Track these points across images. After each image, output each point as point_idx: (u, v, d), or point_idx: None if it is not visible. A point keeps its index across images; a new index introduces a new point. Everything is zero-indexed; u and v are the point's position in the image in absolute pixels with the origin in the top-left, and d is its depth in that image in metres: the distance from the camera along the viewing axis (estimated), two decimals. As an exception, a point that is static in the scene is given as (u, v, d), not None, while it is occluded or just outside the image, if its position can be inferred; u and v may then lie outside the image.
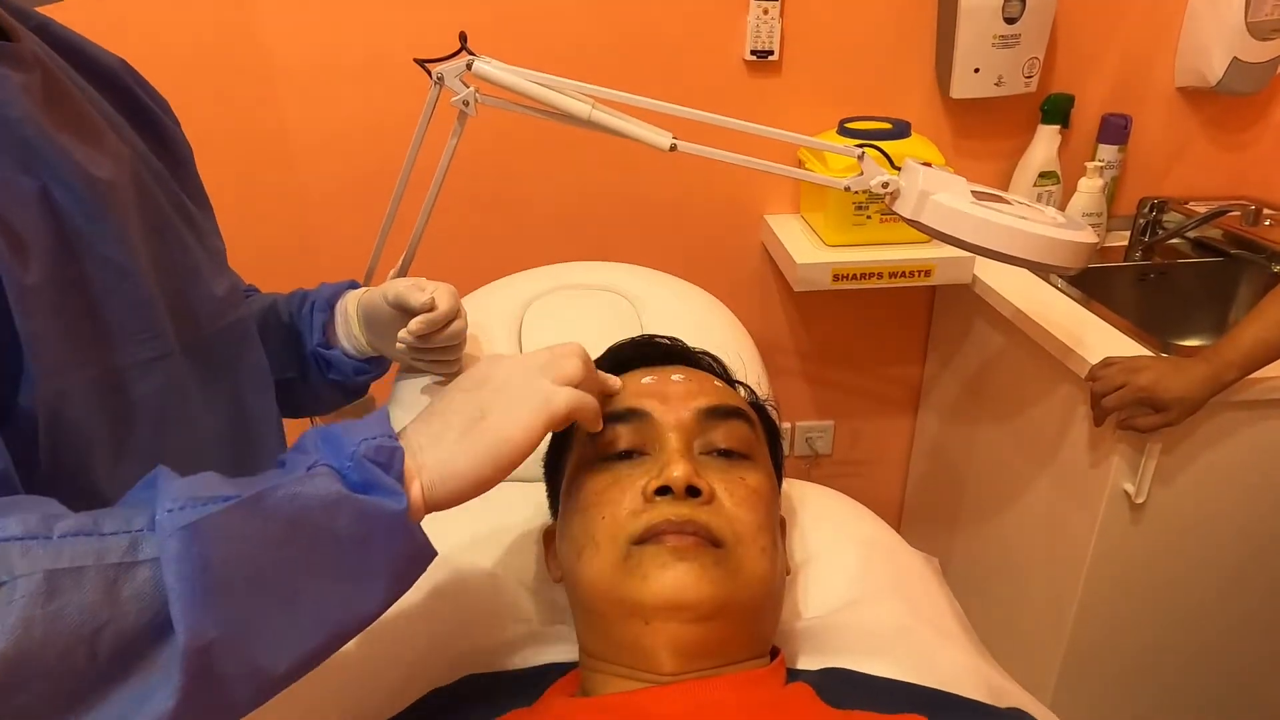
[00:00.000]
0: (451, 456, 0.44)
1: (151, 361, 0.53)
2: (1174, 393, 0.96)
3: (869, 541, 0.71)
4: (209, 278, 0.62)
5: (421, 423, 0.47)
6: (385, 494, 0.41)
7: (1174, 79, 1.41)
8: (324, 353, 0.76)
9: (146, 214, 0.56)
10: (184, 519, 0.36)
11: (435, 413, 0.47)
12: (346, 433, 0.43)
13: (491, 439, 0.45)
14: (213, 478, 0.40)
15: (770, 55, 1.30)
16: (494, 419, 0.45)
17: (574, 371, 0.49)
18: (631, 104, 0.75)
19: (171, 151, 0.64)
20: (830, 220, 1.28)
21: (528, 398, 0.46)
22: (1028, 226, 0.74)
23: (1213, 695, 1.27)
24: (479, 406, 0.46)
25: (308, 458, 0.41)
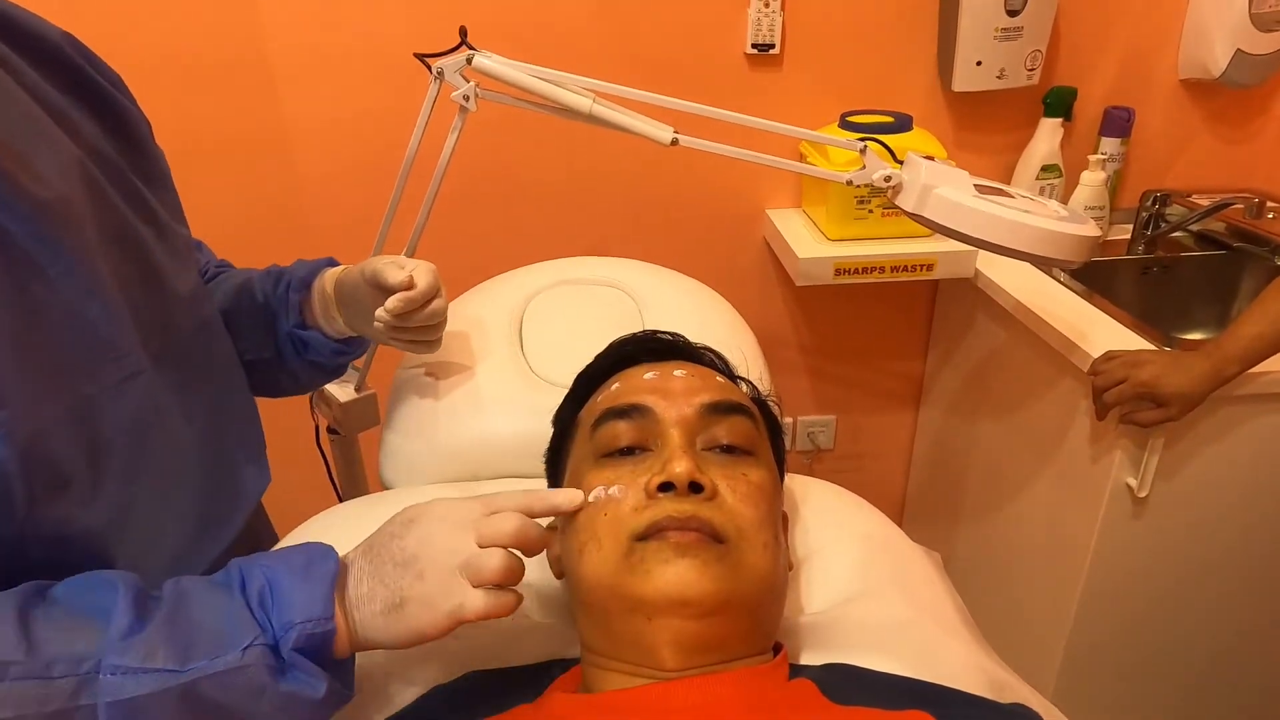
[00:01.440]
0: (372, 628, 0.48)
1: (123, 382, 0.53)
2: (1175, 388, 0.96)
3: (871, 536, 0.71)
4: (172, 277, 0.60)
5: (359, 574, 0.49)
6: (308, 682, 0.45)
7: (1177, 71, 1.40)
8: (300, 334, 0.74)
9: (103, 223, 0.54)
10: (126, 690, 0.41)
11: (370, 571, 0.49)
12: (290, 597, 0.46)
13: (404, 628, 0.48)
14: (161, 632, 0.43)
15: (771, 49, 1.30)
16: (410, 610, 0.48)
17: (492, 575, 0.48)
18: (632, 98, 0.75)
19: (125, 131, 0.60)
20: (832, 214, 1.28)
21: (442, 599, 0.48)
22: (1030, 220, 0.74)
23: (1215, 689, 1.27)
24: (400, 593, 0.48)
25: (247, 628, 0.45)
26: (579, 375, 0.67)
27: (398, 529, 0.50)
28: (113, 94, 0.60)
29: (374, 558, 0.49)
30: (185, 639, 0.43)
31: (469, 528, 0.49)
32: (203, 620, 0.45)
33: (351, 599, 0.48)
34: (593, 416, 0.59)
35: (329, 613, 0.46)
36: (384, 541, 0.50)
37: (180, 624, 0.44)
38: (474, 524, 0.49)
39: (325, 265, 0.75)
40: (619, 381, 0.61)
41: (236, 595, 0.46)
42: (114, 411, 0.52)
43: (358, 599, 0.48)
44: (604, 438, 0.57)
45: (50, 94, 0.54)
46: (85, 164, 0.53)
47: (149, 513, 0.55)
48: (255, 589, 0.46)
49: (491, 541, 0.49)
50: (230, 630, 0.44)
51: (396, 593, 0.47)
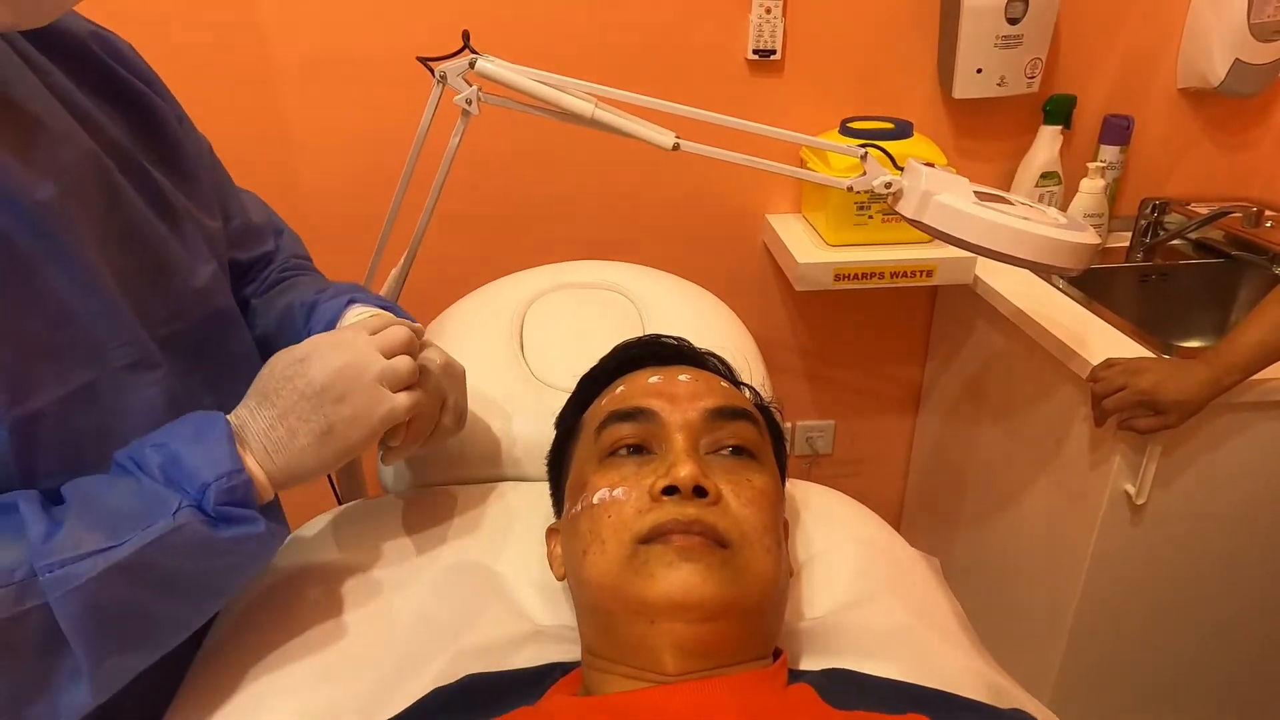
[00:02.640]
0: (299, 462, 0.51)
1: (128, 368, 0.54)
2: (1174, 395, 0.96)
3: (869, 542, 0.71)
4: (185, 270, 0.61)
5: (264, 422, 0.51)
6: (246, 525, 0.48)
7: (1176, 80, 1.41)
8: None
9: (114, 218, 0.55)
10: (69, 581, 0.43)
11: (278, 414, 0.51)
12: (193, 462, 0.48)
13: (338, 448, 0.51)
14: (81, 522, 0.45)
15: (773, 55, 1.30)
16: (339, 431, 0.51)
17: (408, 373, 0.52)
18: (634, 103, 0.75)
19: (151, 125, 0.62)
20: (832, 220, 1.28)
21: (371, 410, 0.51)
22: (1030, 227, 0.74)
23: (1212, 696, 1.27)
24: (324, 420, 0.51)
25: (167, 497, 0.46)
26: (583, 378, 0.67)
27: (290, 370, 0.52)
28: (141, 90, 0.61)
29: (275, 403, 0.51)
30: (107, 521, 0.45)
31: (368, 344, 0.53)
32: (118, 504, 0.46)
33: (265, 446, 0.50)
34: (597, 419, 0.59)
35: (238, 465, 0.48)
36: (279, 385, 0.52)
37: (95, 510, 0.46)
38: (371, 341, 0.53)
39: (346, 305, 0.69)
40: (623, 385, 0.62)
41: (140, 475, 0.48)
42: (119, 396, 0.54)
43: (275, 443, 0.50)
44: (608, 440, 0.57)
45: (73, 91, 0.55)
46: (100, 159, 0.55)
47: None
48: (155, 465, 0.48)
49: (393, 351, 0.53)
50: (150, 505, 0.46)
51: (320, 422, 0.50)
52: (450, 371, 0.64)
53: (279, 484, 0.52)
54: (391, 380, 0.53)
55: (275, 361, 0.54)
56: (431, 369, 0.61)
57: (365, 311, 0.68)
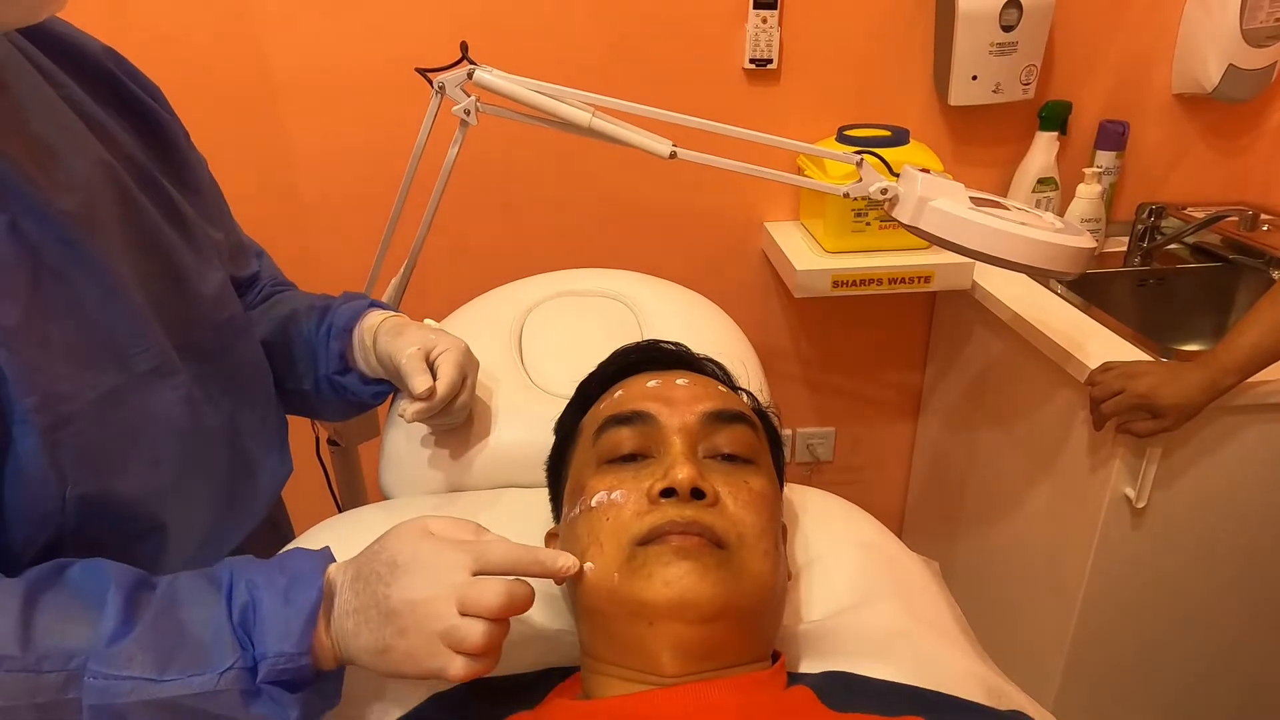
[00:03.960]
0: (358, 658, 0.49)
1: (150, 373, 0.55)
2: (1171, 399, 0.96)
3: (869, 545, 0.71)
4: (197, 278, 0.63)
5: (344, 605, 0.49)
6: (278, 711, 0.47)
7: (1171, 85, 1.42)
8: (338, 379, 0.75)
9: (129, 226, 0.57)
10: (106, 696, 0.44)
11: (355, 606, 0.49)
12: (272, 623, 0.47)
13: (389, 670, 0.48)
14: (144, 638, 0.45)
15: (769, 63, 1.31)
16: (393, 658, 0.48)
17: (473, 646, 0.47)
18: (631, 112, 0.76)
19: (160, 139, 0.64)
20: (830, 227, 1.28)
21: (424, 658, 0.47)
22: (1027, 232, 0.74)
23: (1214, 700, 1.26)
24: (384, 641, 0.48)
25: (227, 650, 0.46)
26: (582, 383, 0.68)
27: (384, 570, 0.48)
28: (150, 104, 0.63)
29: (360, 591, 0.49)
30: (167, 648, 0.45)
31: (453, 592, 0.47)
32: (187, 628, 0.46)
33: (337, 629, 0.49)
34: (595, 423, 0.60)
35: (304, 647, 0.47)
36: (371, 580, 0.48)
37: (164, 631, 0.46)
38: (459, 588, 0.47)
39: (367, 308, 0.75)
40: (622, 389, 0.62)
41: (222, 606, 0.47)
42: (143, 400, 0.55)
43: (342, 632, 0.48)
44: (607, 444, 0.57)
45: (88, 104, 0.57)
46: (116, 170, 0.56)
47: (179, 495, 0.58)
48: (239, 604, 0.47)
49: (475, 612, 0.47)
50: (211, 646, 0.46)
51: (380, 640, 0.47)
52: (470, 356, 0.72)
53: (340, 662, 0.50)
54: (453, 641, 0.47)
55: (386, 543, 0.50)
56: (452, 354, 0.68)
57: (388, 313, 0.74)
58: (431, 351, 0.68)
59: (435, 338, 0.70)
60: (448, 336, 0.71)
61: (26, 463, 0.49)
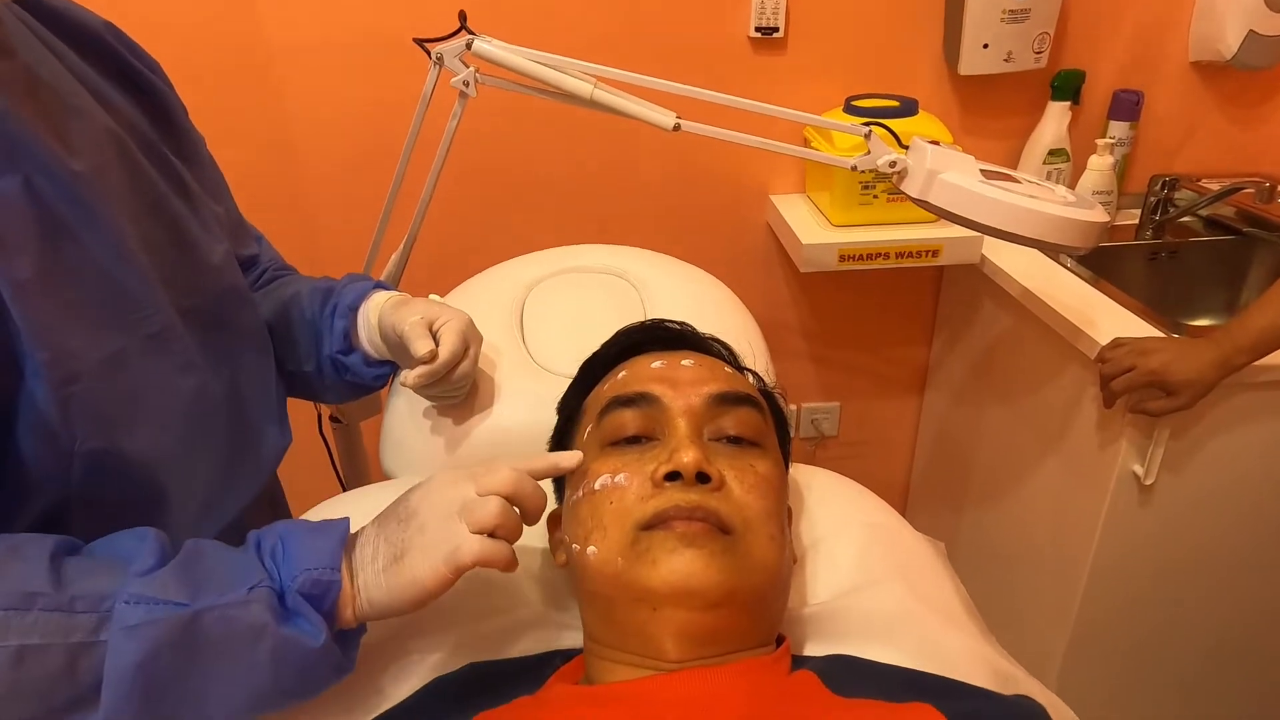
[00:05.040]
0: (375, 587, 0.49)
1: (154, 336, 0.56)
2: (1184, 375, 0.95)
3: (874, 526, 0.71)
4: (204, 246, 0.64)
5: (367, 539, 0.51)
6: (308, 629, 0.47)
7: (1188, 53, 1.38)
8: (341, 359, 0.76)
9: (137, 192, 0.57)
10: (134, 617, 0.43)
11: (376, 532, 0.51)
12: (299, 549, 0.48)
13: (405, 580, 0.49)
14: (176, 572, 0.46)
15: (775, 32, 1.28)
16: (409, 560, 0.49)
17: (487, 518, 0.48)
18: (634, 83, 0.74)
19: (161, 112, 0.65)
20: (836, 200, 1.27)
21: (439, 544, 0.48)
22: (1037, 206, 0.73)
23: (1220, 678, 1.27)
24: (401, 544, 0.49)
25: (255, 572, 0.47)
26: (585, 363, 0.67)
27: (404, 495, 0.52)
28: (150, 78, 0.65)
29: (382, 522, 0.51)
30: (197, 578, 0.46)
31: (468, 479, 0.50)
32: (216, 566, 0.47)
33: (357, 561, 0.50)
34: (599, 405, 0.59)
35: (335, 563, 0.48)
36: (391, 508, 0.52)
37: (194, 567, 0.46)
38: (473, 476, 0.51)
39: (373, 289, 0.76)
40: (626, 370, 0.61)
41: (251, 550, 0.49)
42: (148, 363, 0.55)
43: (362, 561, 0.50)
44: (610, 426, 0.56)
45: (92, 76, 0.58)
46: (121, 138, 0.57)
47: (182, 460, 0.59)
48: (269, 545, 0.49)
49: (488, 490, 0.50)
50: (240, 574, 0.47)
51: (399, 546, 0.49)
52: (472, 327, 0.72)
53: (359, 612, 0.49)
54: (470, 518, 0.49)
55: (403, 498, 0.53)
56: (455, 324, 0.69)
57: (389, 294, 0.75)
58: (435, 321, 0.69)
59: (439, 309, 0.71)
60: (451, 309, 0.71)
61: (41, 415, 0.49)
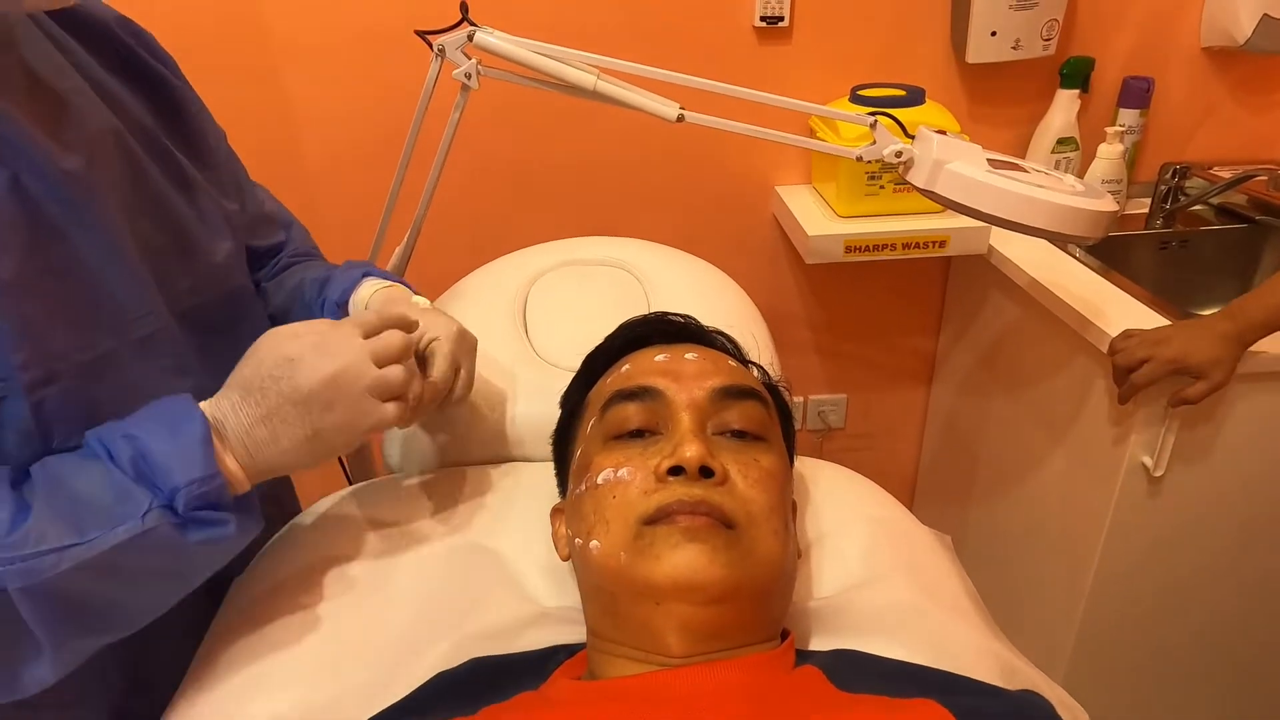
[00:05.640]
0: (281, 462, 0.51)
1: (146, 339, 0.56)
2: (1206, 355, 0.93)
3: (880, 520, 0.70)
4: (206, 245, 0.63)
5: (246, 421, 0.50)
6: (217, 527, 0.48)
7: (1199, 39, 1.36)
8: None
9: (138, 191, 0.57)
10: (30, 575, 0.43)
11: (261, 415, 0.50)
12: (168, 460, 0.47)
13: (321, 452, 0.52)
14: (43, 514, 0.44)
15: (780, 21, 1.27)
16: (325, 437, 0.51)
17: (400, 383, 0.52)
18: (637, 74, 0.74)
19: (172, 107, 0.64)
20: (842, 191, 1.26)
21: (360, 419, 0.52)
22: (1046, 195, 0.72)
23: (1229, 673, 1.26)
24: (310, 426, 0.51)
25: (136, 495, 0.46)
26: (588, 356, 0.66)
27: (278, 370, 0.51)
28: (162, 73, 0.63)
29: (260, 402, 0.50)
30: (74, 513, 0.45)
31: (363, 352, 0.52)
32: (86, 493, 0.46)
33: (246, 444, 0.50)
34: (602, 398, 0.59)
35: (212, 469, 0.48)
36: (264, 384, 0.51)
37: (63, 499, 0.46)
38: (365, 347, 0.52)
39: (361, 278, 0.73)
40: (629, 363, 0.61)
41: (110, 466, 0.47)
42: (138, 367, 0.55)
43: (256, 443, 0.50)
44: (613, 420, 0.56)
45: (97, 71, 0.57)
46: (123, 136, 0.57)
47: None
48: (126, 458, 0.47)
49: (387, 359, 0.53)
50: (118, 501, 0.46)
51: (306, 427, 0.50)
52: (463, 341, 0.65)
53: (256, 479, 0.51)
54: (382, 391, 0.52)
55: (262, 355, 0.52)
56: (443, 344, 0.63)
57: (380, 284, 0.71)
58: (421, 338, 0.63)
59: (425, 323, 0.63)
60: (438, 319, 0.64)
61: (13, 416, 0.48)
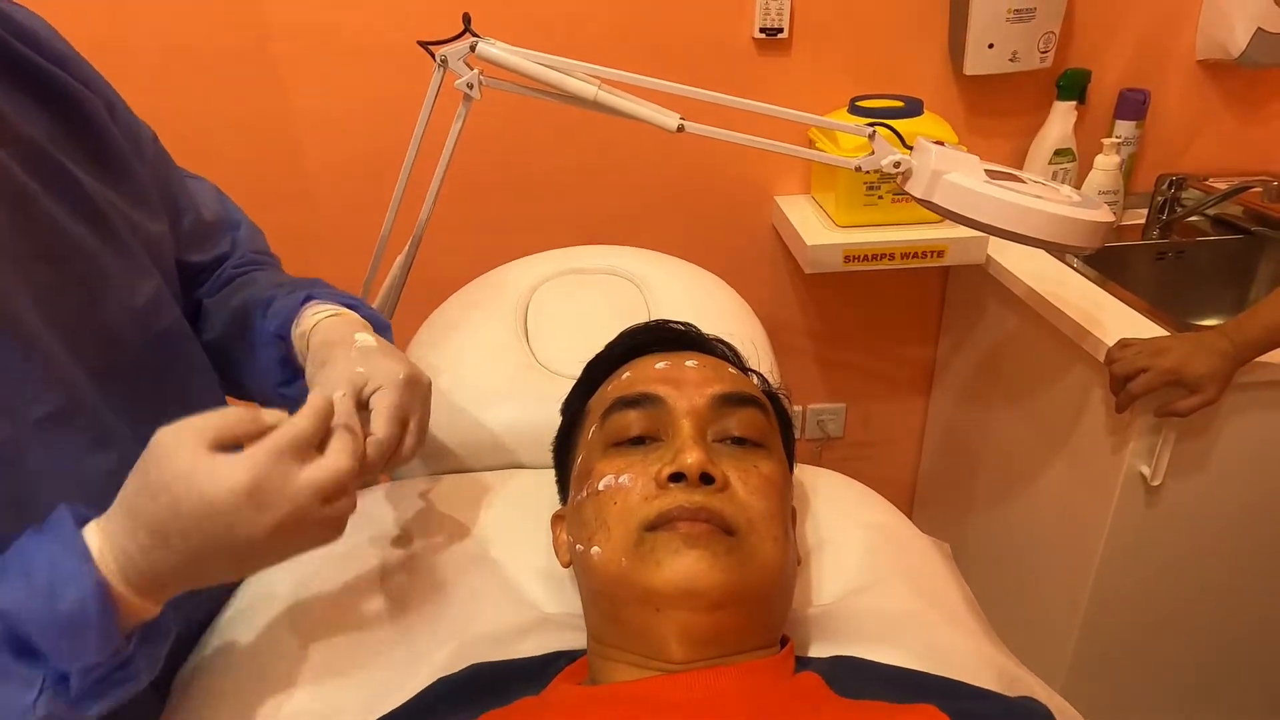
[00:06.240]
0: (212, 584, 0.45)
1: (49, 418, 0.47)
2: (1204, 369, 0.94)
3: (878, 527, 0.70)
4: (123, 287, 0.53)
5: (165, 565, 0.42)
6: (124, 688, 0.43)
7: (1195, 51, 1.38)
8: (288, 393, 0.63)
9: (24, 236, 0.48)
10: None
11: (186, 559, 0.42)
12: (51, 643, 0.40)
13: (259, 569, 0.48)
14: None
15: (780, 33, 1.28)
16: (270, 563, 0.46)
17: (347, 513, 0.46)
18: (638, 84, 0.74)
19: (74, 118, 0.53)
20: (841, 201, 1.26)
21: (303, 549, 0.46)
22: (1043, 206, 0.72)
23: (1227, 681, 1.26)
24: (247, 568, 0.46)
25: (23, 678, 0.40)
26: (589, 363, 0.67)
27: (204, 521, 0.41)
28: (60, 78, 0.52)
29: (180, 546, 0.42)
30: None
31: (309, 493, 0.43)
32: None
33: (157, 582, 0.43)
34: (603, 405, 0.59)
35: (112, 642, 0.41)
36: (186, 527, 0.41)
37: None
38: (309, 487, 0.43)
39: (302, 304, 0.61)
40: (630, 370, 0.61)
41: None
42: (40, 450, 0.47)
43: (182, 579, 0.43)
44: (614, 427, 0.56)
45: None
46: (9, 173, 0.48)
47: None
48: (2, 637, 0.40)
49: (337, 494, 0.45)
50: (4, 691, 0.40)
51: (241, 568, 0.46)
52: (413, 388, 0.55)
53: (163, 600, 0.44)
54: (331, 526, 0.46)
55: (175, 493, 0.41)
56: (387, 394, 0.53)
57: (323, 310, 0.60)
58: (363, 390, 0.53)
59: (366, 370, 0.54)
60: (383, 363, 0.54)
61: None
